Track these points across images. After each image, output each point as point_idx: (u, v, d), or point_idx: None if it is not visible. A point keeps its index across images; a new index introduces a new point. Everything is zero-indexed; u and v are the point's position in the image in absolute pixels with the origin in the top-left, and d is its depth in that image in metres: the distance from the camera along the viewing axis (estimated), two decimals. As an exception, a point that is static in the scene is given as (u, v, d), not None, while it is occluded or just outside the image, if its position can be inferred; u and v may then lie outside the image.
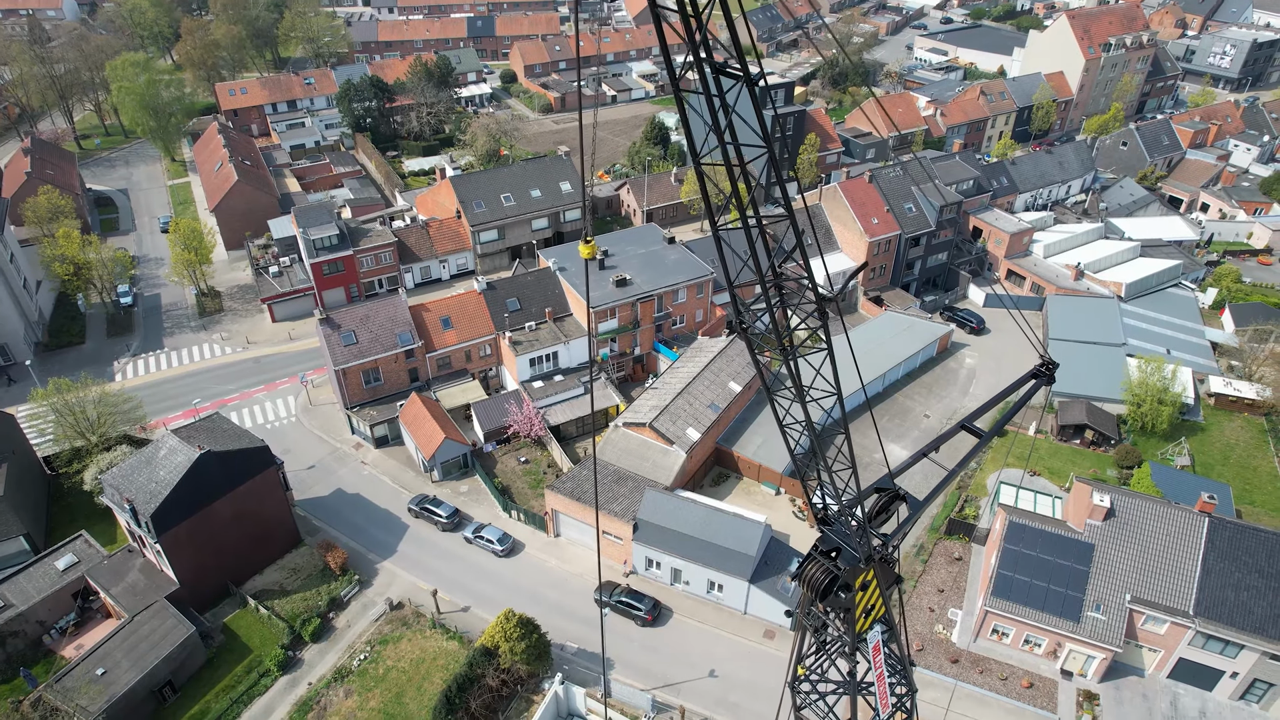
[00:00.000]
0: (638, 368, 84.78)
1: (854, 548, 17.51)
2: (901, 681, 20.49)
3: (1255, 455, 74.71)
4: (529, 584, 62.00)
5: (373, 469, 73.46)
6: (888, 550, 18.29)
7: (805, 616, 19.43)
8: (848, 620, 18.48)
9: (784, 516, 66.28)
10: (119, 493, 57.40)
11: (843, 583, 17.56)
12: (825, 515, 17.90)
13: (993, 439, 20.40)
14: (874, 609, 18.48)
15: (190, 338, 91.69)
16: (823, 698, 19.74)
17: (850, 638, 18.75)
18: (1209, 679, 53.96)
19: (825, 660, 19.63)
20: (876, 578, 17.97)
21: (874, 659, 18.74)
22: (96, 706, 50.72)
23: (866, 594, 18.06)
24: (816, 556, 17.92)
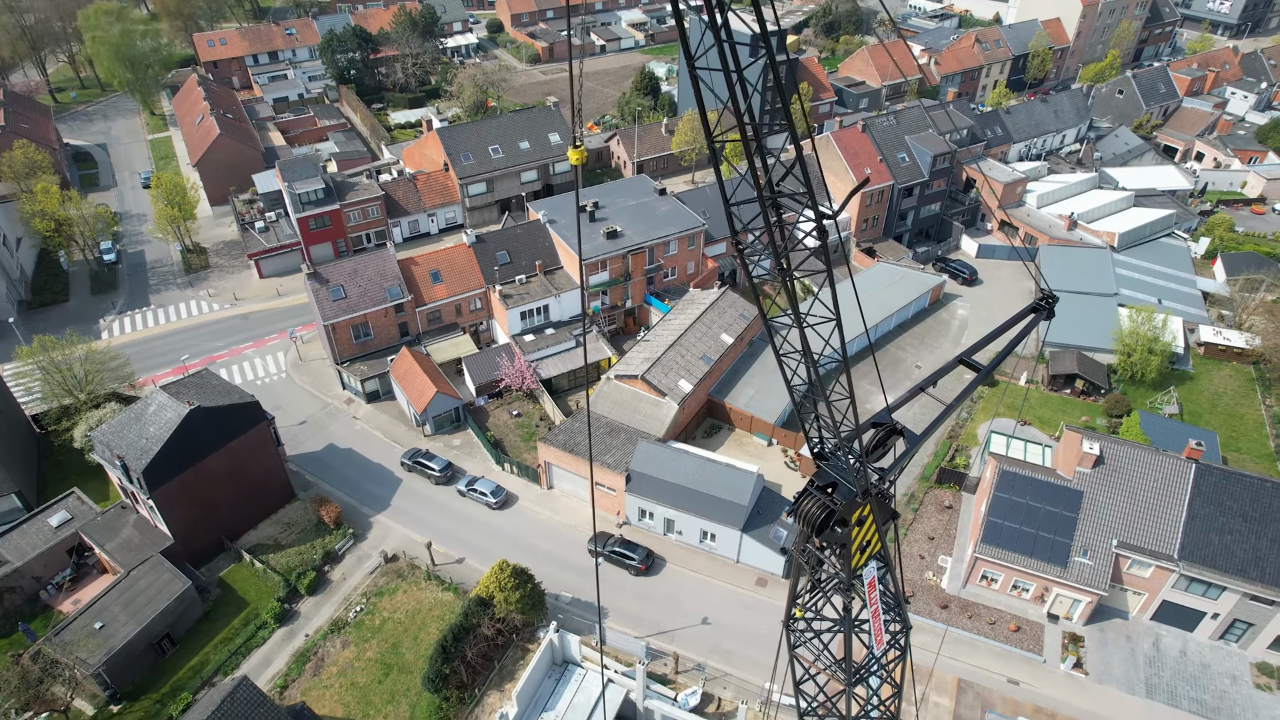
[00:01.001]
0: (629, 320, 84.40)
1: (851, 482, 17.40)
2: (896, 618, 20.61)
3: (1242, 403, 75.29)
4: (523, 535, 62.44)
5: (364, 424, 73.34)
6: (884, 485, 18.19)
7: (800, 553, 19.43)
8: (843, 556, 18.47)
9: (776, 467, 66.64)
10: (110, 449, 57.18)
11: (839, 517, 17.48)
12: (821, 450, 17.75)
13: (991, 373, 20.19)
14: (870, 544, 18.45)
15: (177, 295, 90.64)
16: (817, 635, 19.85)
17: (845, 574, 18.75)
18: (1190, 620, 55.03)
19: (820, 598, 19.69)
20: (873, 513, 17.90)
21: (869, 595, 18.78)
22: (96, 659, 51.15)
23: (863, 529, 18.01)
24: (813, 492, 17.80)
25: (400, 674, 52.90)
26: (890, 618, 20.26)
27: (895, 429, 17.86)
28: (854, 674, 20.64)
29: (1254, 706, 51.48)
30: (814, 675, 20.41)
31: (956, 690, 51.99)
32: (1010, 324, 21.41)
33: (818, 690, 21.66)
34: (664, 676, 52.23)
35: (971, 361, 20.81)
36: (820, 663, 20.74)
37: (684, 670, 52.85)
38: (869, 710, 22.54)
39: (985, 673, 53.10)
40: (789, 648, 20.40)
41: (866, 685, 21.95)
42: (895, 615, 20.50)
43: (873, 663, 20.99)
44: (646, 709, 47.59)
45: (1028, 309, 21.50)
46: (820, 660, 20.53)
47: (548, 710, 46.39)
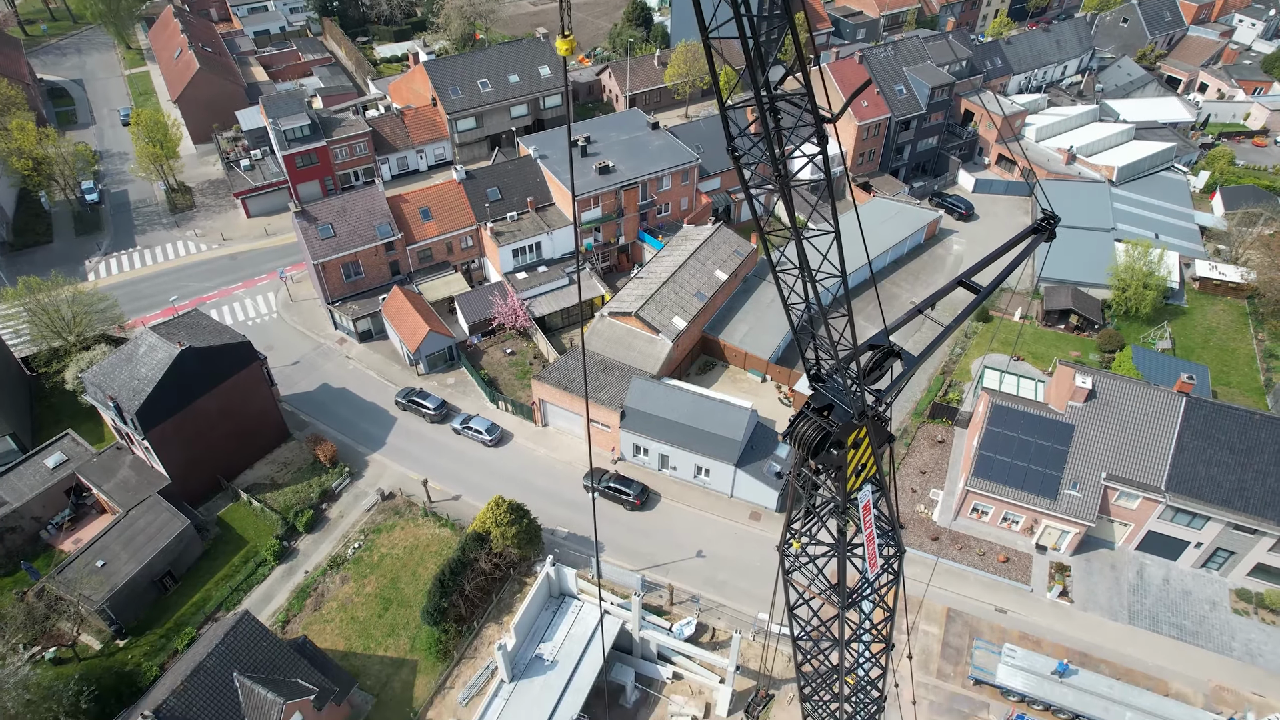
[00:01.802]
0: (622, 257, 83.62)
1: (847, 404, 17.23)
2: (890, 543, 20.72)
3: (1235, 338, 75.51)
4: (518, 472, 62.89)
5: (358, 363, 73.11)
6: (881, 408, 18.04)
7: (795, 477, 19.42)
8: (838, 479, 18.44)
9: (770, 403, 66.89)
10: (102, 391, 56.94)
11: (834, 440, 17.39)
12: (818, 373, 17.55)
13: (990, 295, 19.94)
14: (865, 468, 18.39)
15: (163, 235, 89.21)
16: (811, 560, 19.99)
17: (840, 497, 18.75)
18: (1174, 549, 56.12)
19: (815, 523, 19.77)
20: (869, 435, 17.80)
21: (863, 519, 18.82)
22: (100, 595, 51.85)
23: (858, 452, 17.92)
24: (808, 414, 17.66)
25: (399, 608, 53.83)
26: (884, 542, 20.34)
27: (892, 351, 17.62)
28: (847, 598, 20.86)
29: (1231, 630, 52.91)
30: (808, 600, 20.65)
31: (945, 619, 53.21)
32: (1010, 245, 21.05)
33: (811, 615, 21.97)
34: (659, 608, 53.27)
35: (970, 283, 20.50)
36: (814, 588, 20.96)
37: (679, 602, 53.89)
38: (862, 634, 22.90)
39: (974, 602, 54.28)
40: (782, 573, 20.56)
41: (859, 609, 22.24)
42: (889, 539, 20.60)
43: (866, 587, 21.23)
44: (642, 639, 48.62)
45: (1028, 230, 21.10)
46: (814, 585, 20.75)
47: (545, 641, 47.36)
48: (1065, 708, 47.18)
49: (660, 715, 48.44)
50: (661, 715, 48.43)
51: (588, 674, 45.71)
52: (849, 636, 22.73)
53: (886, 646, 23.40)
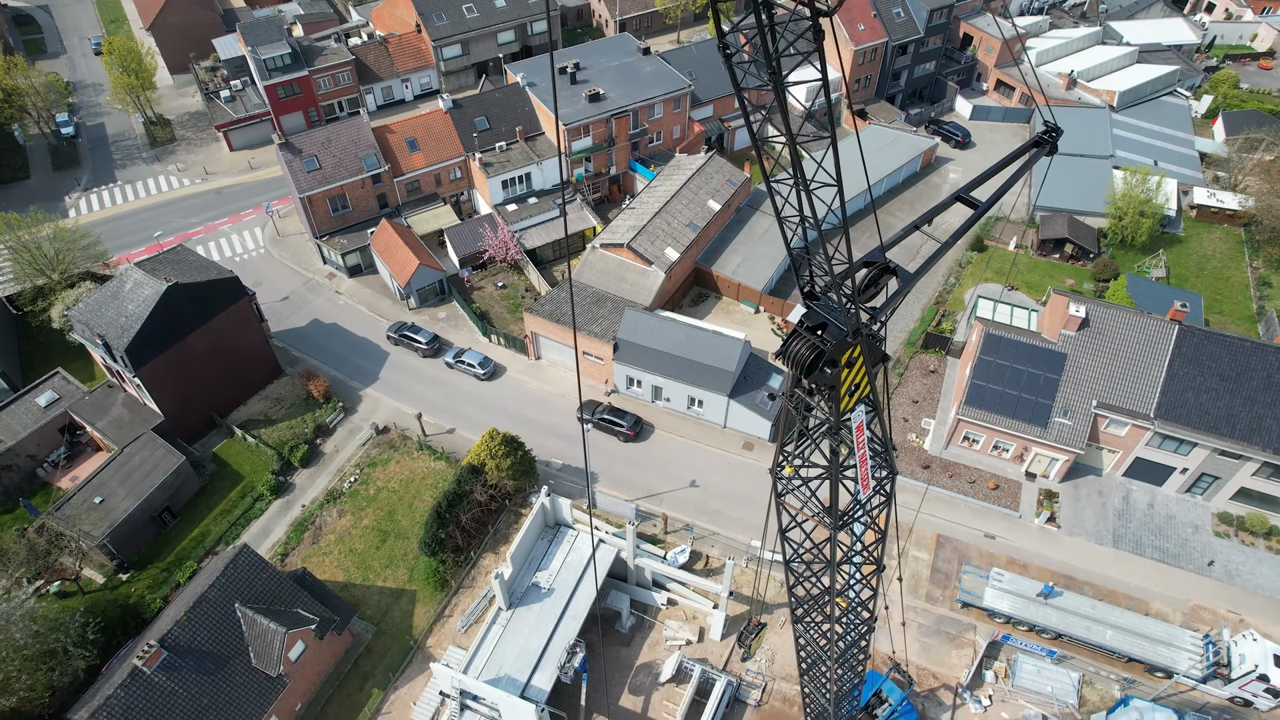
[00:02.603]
0: (614, 188, 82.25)
1: (841, 322, 16.98)
2: (883, 464, 20.73)
3: (1229, 266, 75.23)
4: (512, 405, 63.03)
5: (348, 298, 72.46)
6: (875, 326, 17.80)
7: (789, 398, 19.28)
8: (832, 399, 18.30)
9: (763, 334, 66.72)
10: (89, 329, 56.40)
11: (828, 358, 17.17)
12: (812, 290, 17.24)
13: (989, 210, 19.52)
14: (859, 387, 18.23)
15: (144, 170, 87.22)
16: (804, 483, 20.02)
17: (834, 418, 18.65)
18: (1160, 475, 56.93)
19: (808, 445, 19.73)
20: (863, 354, 17.58)
21: (857, 439, 18.77)
22: (100, 531, 52.34)
23: (852, 371, 17.72)
24: (802, 332, 17.41)
25: (397, 540, 54.54)
26: (877, 464, 20.35)
27: (888, 268, 17.28)
28: (839, 520, 21.00)
29: (1211, 552, 54.07)
30: (800, 523, 20.81)
31: (935, 545, 54.22)
32: (1011, 159, 20.51)
33: (804, 537, 22.17)
34: (653, 536, 54.09)
35: (969, 198, 20.04)
36: (807, 510, 21.08)
37: (673, 530, 54.70)
38: (853, 556, 23.18)
39: (963, 528, 55.25)
40: (775, 495, 20.62)
41: (851, 532, 22.45)
42: (882, 461, 20.61)
43: (858, 509, 21.36)
44: (637, 566, 49.48)
45: (1029, 143, 20.53)
46: (807, 507, 20.86)
47: (541, 570, 48.14)
48: (1049, 628, 48.49)
49: (655, 640, 49.65)
50: (656, 640, 49.64)
51: (584, 601, 46.63)
52: (841, 558, 22.99)
53: (877, 568, 23.72)
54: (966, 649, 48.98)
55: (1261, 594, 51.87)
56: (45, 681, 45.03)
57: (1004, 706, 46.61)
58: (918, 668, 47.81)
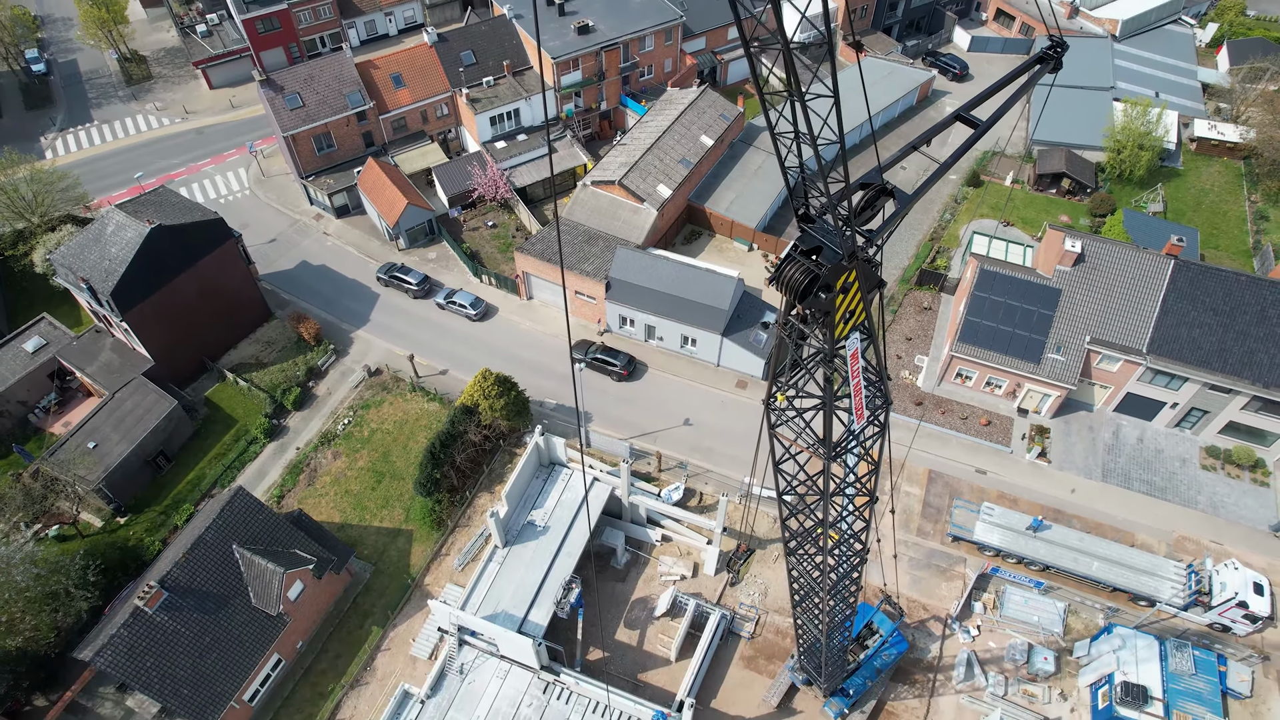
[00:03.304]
0: (604, 124, 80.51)
1: (836, 246, 16.57)
2: (877, 394, 20.52)
3: (1227, 200, 74.52)
4: (504, 346, 62.74)
5: (336, 240, 71.43)
6: (871, 250, 17.36)
7: (782, 327, 18.96)
8: (826, 326, 18.00)
9: (756, 272, 66.15)
10: (73, 272, 55.52)
11: (823, 283, 16.79)
12: (807, 213, 16.77)
13: (989, 129, 18.95)
14: (854, 314, 17.90)
15: (121, 109, 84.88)
16: (799, 414, 19.86)
17: (828, 345, 18.36)
18: (1151, 410, 57.29)
19: (802, 375, 19.50)
20: (858, 279, 17.21)
21: (851, 367, 18.52)
22: (95, 475, 52.43)
23: (847, 297, 17.39)
24: (796, 256, 16.99)
25: (392, 480, 54.82)
26: (871, 393, 20.15)
27: (885, 189, 16.77)
28: (833, 450, 20.91)
29: (1198, 485, 54.81)
30: (794, 454, 20.75)
31: (927, 480, 54.76)
32: (1013, 76, 19.83)
33: (797, 469, 22.14)
34: (648, 475, 54.48)
35: (969, 117, 19.42)
36: (801, 441, 20.99)
37: (667, 468, 55.07)
38: (846, 487, 23.19)
39: (955, 464, 55.74)
40: (768, 427, 20.48)
41: (844, 463, 22.38)
42: (876, 390, 20.41)
43: (852, 439, 21.25)
44: (631, 504, 49.91)
45: (1033, 59, 19.79)
46: (801, 438, 20.75)
47: (536, 508, 48.51)
48: (1037, 560, 49.35)
49: (650, 575, 50.41)
50: (651, 575, 50.40)
51: (579, 538, 47.14)
52: (834, 490, 23.00)
53: (870, 500, 23.75)
54: (956, 581, 49.89)
55: (1244, 525, 52.76)
56: (50, 622, 45.68)
57: (991, 636, 47.71)
58: (908, 600, 48.76)
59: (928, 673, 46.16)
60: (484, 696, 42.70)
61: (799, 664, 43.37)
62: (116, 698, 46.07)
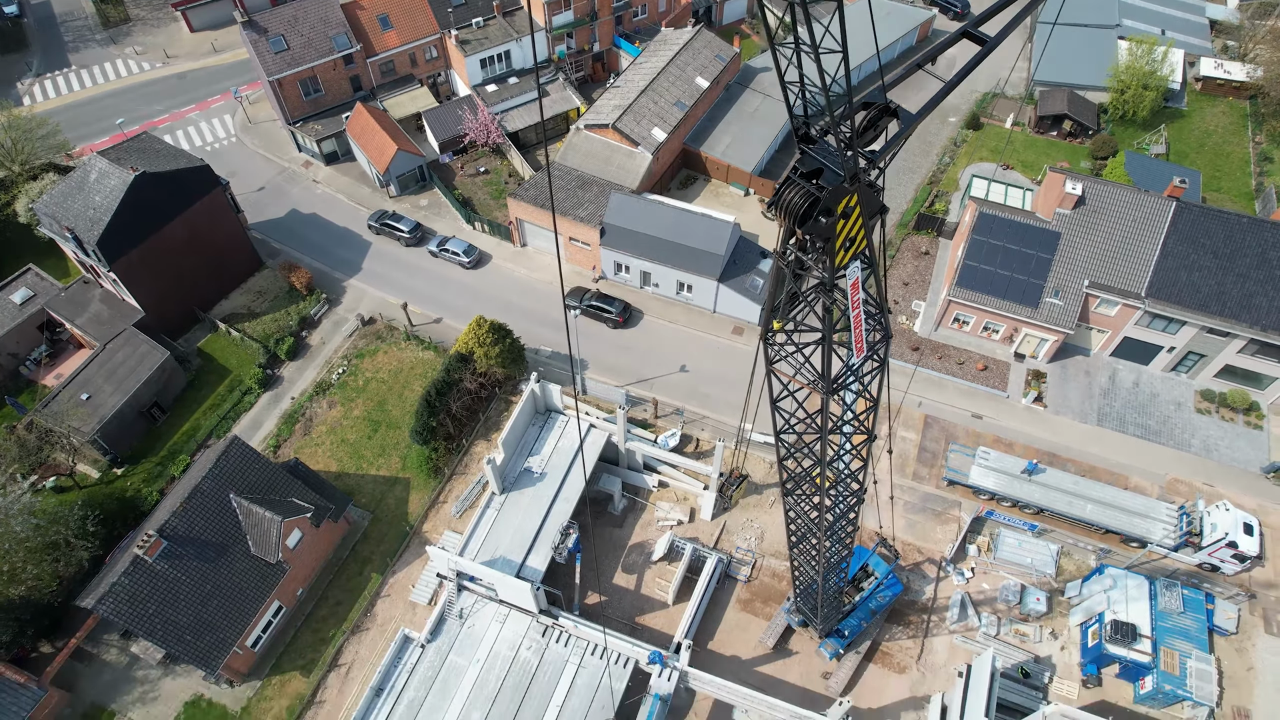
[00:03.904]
0: (597, 66, 78.61)
1: (837, 167, 15.97)
2: (877, 326, 20.11)
3: (1231, 141, 73.40)
4: (499, 293, 62.15)
5: (326, 187, 70.18)
6: (873, 173, 16.75)
7: (780, 257, 18.48)
8: (826, 252, 17.49)
9: (753, 217, 65.31)
10: (57, 222, 54.52)
11: (824, 206, 16.23)
12: (807, 132, 16.14)
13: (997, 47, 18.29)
14: (855, 241, 17.39)
15: (99, 53, 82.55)
16: (798, 349, 19.47)
17: (828, 274, 17.88)
18: (1147, 354, 57.22)
19: (800, 308, 19.05)
20: (860, 203, 16.66)
21: (852, 298, 18.09)
22: (89, 427, 52.24)
23: (848, 222, 16.86)
24: (795, 179, 16.40)
25: (389, 429, 54.74)
26: (871, 326, 19.73)
27: (888, 108, 16.11)
28: (832, 385, 20.58)
29: (1192, 428, 55.02)
30: (792, 391, 20.42)
31: (923, 425, 54.85)
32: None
33: (796, 406, 21.87)
34: (644, 421, 54.46)
35: (976, 33, 18.66)
36: (800, 377, 20.65)
37: (663, 415, 55.04)
38: (844, 425, 22.93)
39: (951, 409, 55.78)
40: (766, 363, 20.12)
41: (842, 400, 22.07)
42: (876, 324, 19.99)
43: (850, 374, 20.88)
44: (628, 450, 49.96)
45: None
46: (800, 374, 20.41)
47: (533, 455, 48.54)
48: (1031, 503, 49.71)
49: (647, 521, 50.73)
50: (648, 521, 50.73)
51: (576, 485, 47.27)
52: (831, 427, 22.71)
53: (868, 438, 23.51)
54: (951, 525, 50.32)
55: (1236, 467, 53.10)
56: (51, 571, 45.97)
57: (985, 578, 48.31)
58: (903, 543, 49.22)
59: (922, 614, 46.82)
60: (483, 640, 43.27)
61: (795, 606, 43.92)
62: (121, 644, 46.63)
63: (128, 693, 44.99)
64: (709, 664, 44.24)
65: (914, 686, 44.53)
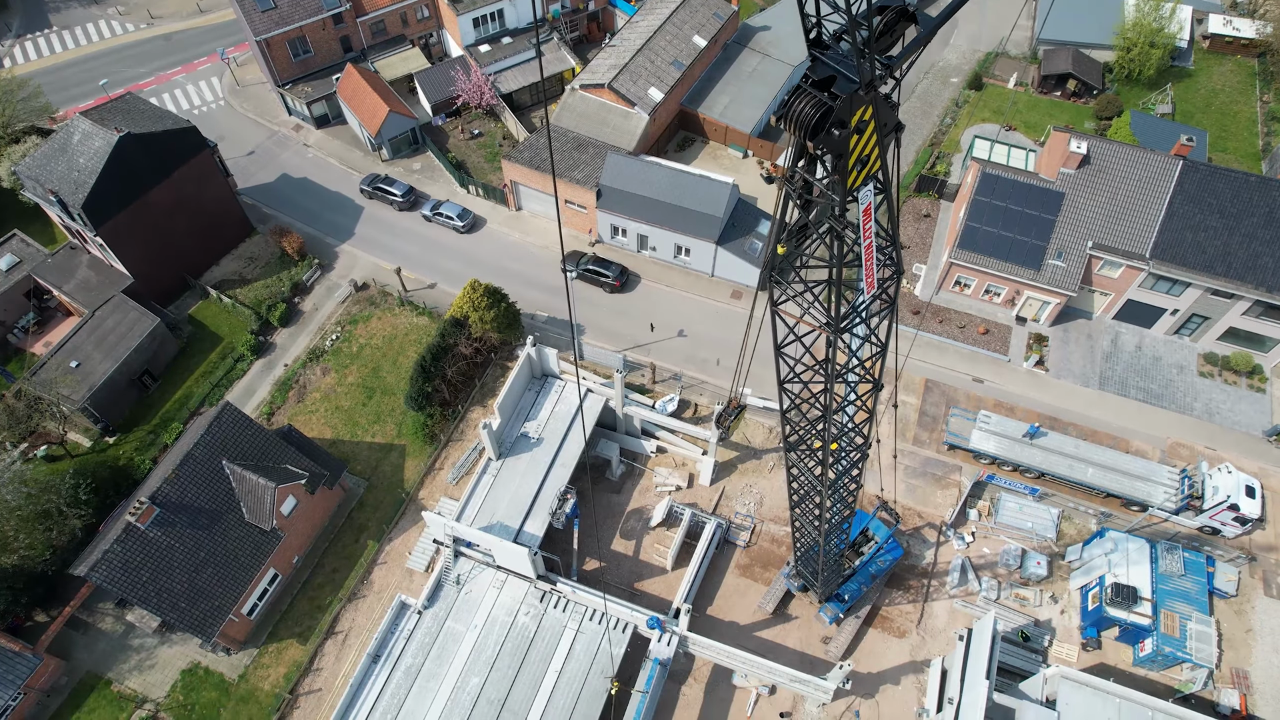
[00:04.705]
0: (593, 26, 76.81)
1: (851, 75, 14.91)
2: (889, 261, 19.14)
3: (1238, 101, 72.10)
4: (494, 258, 61.16)
5: (317, 151, 68.78)
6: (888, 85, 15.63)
7: (788, 181, 17.44)
8: (838, 170, 16.38)
9: (752, 179, 64.15)
10: (40, 185, 53.29)
11: (836, 118, 15.21)
12: (819, 36, 15.05)
13: None
14: (869, 160, 16.38)
15: (81, 14, 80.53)
16: (807, 287, 18.44)
17: (840, 195, 16.76)
18: (1151, 317, 56.54)
19: (809, 241, 17.98)
20: (875, 117, 15.62)
21: (863, 226, 17.10)
22: (79, 394, 51.50)
23: (862, 137, 15.85)
24: (807, 88, 15.37)
25: (383, 396, 54.07)
26: (883, 259, 18.75)
27: (906, 11, 15.04)
28: (840, 325, 19.62)
29: (1194, 392, 54.53)
30: (799, 336, 19.48)
31: (923, 390, 54.28)
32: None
33: (803, 352, 20.91)
34: (642, 386, 53.81)
35: None
36: (808, 318, 19.58)
37: (661, 380, 54.38)
38: (850, 371, 21.93)
39: (952, 373, 55.18)
40: (770, 304, 19.19)
41: (848, 345, 20.96)
42: (888, 258, 19.01)
43: (859, 315, 19.85)
44: (626, 415, 49.38)
45: None
46: (808, 314, 19.35)
47: (530, 420, 47.95)
48: (1033, 467, 49.30)
49: (645, 486, 50.30)
50: (646, 486, 50.30)
51: (573, 450, 46.74)
52: (837, 373, 21.69)
53: (874, 387, 22.64)
54: (952, 489, 49.96)
55: (1239, 431, 52.69)
56: (44, 540, 45.52)
57: (985, 542, 48.05)
58: (903, 508, 48.88)
59: (922, 578, 46.62)
60: (481, 606, 42.99)
61: (795, 570, 43.65)
62: (116, 613, 46.34)
63: (124, 661, 44.78)
64: (708, 629, 44.07)
65: (914, 651, 44.43)
